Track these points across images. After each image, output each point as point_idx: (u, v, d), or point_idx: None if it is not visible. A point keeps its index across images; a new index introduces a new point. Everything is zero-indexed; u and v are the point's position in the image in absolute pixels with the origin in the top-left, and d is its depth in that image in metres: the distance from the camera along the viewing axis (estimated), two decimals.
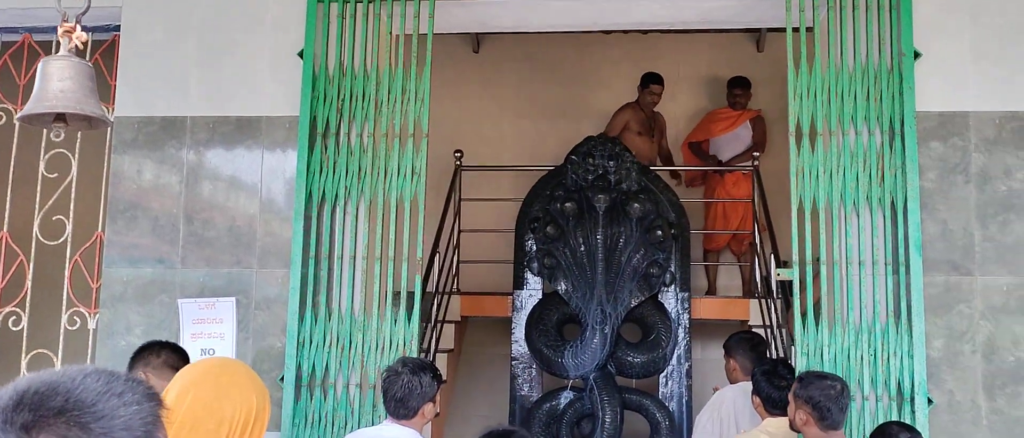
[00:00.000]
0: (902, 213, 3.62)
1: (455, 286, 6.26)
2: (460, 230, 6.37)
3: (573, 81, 7.63)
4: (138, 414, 0.99)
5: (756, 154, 6.44)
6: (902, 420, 3.42)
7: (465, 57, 7.69)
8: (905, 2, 3.72)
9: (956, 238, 3.64)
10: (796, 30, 3.78)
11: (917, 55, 3.69)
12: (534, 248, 5.20)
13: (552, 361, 5.05)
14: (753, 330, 5.56)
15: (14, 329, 4.15)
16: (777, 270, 4.71)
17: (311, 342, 3.77)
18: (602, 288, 4.93)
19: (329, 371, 3.76)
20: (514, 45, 7.54)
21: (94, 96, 2.64)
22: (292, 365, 3.73)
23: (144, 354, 3.10)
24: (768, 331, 5.42)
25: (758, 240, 6.08)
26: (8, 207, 4.28)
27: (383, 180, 3.84)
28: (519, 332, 5.30)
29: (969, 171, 3.68)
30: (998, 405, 3.54)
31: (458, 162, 6.34)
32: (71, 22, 2.62)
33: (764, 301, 5.70)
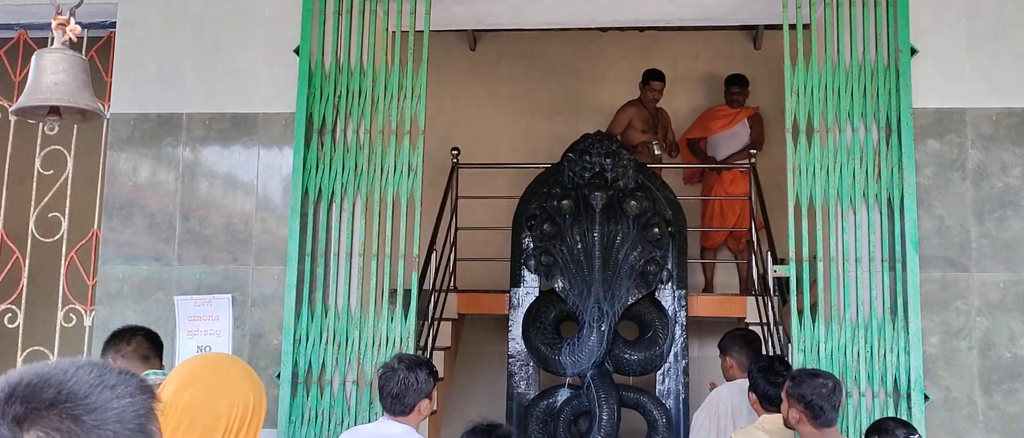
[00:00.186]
0: (899, 209, 3.62)
1: (452, 284, 6.25)
2: (457, 228, 6.37)
3: (570, 79, 7.63)
4: (131, 407, 0.98)
5: (753, 151, 6.43)
6: (899, 416, 3.42)
7: (462, 54, 7.68)
8: None
9: (953, 234, 3.64)
10: (793, 27, 3.77)
11: (914, 51, 3.69)
12: (531, 246, 5.19)
13: (549, 359, 5.04)
14: (749, 327, 5.56)
15: (10, 326, 4.14)
16: (774, 267, 4.71)
17: (307, 339, 3.76)
18: (599, 286, 4.93)
19: (325, 368, 3.76)
20: (511, 43, 7.54)
21: (88, 89, 2.62)
22: (288, 362, 3.72)
23: (115, 342, 3.00)
24: (765, 328, 5.42)
25: (755, 238, 6.09)
26: (3, 204, 4.27)
27: (380, 177, 3.83)
28: (516, 330, 5.29)
29: (966, 167, 3.68)
30: (994, 401, 3.55)
31: (455, 160, 6.33)
32: (65, 15, 2.60)
33: (761, 298, 5.71)
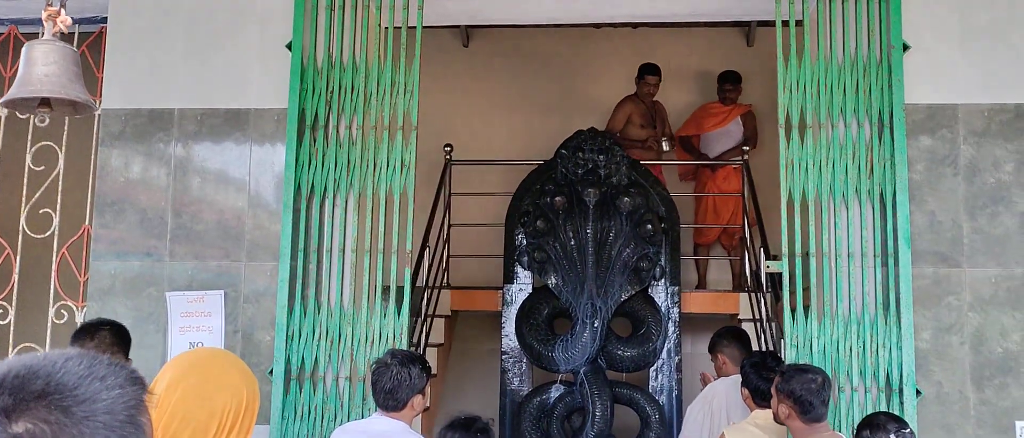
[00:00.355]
0: (891, 205, 3.63)
1: (445, 280, 6.25)
2: (450, 224, 6.36)
3: (563, 75, 7.62)
4: (121, 398, 0.98)
5: (746, 148, 6.44)
6: (891, 411, 3.43)
7: (455, 51, 7.66)
8: None
9: (945, 230, 3.65)
10: (785, 23, 3.78)
11: (906, 48, 3.70)
12: (524, 242, 5.19)
13: (542, 355, 5.04)
14: (740, 324, 5.57)
15: (1, 323, 4.13)
16: (767, 263, 4.71)
17: (300, 335, 3.75)
18: (592, 282, 4.93)
19: (318, 364, 3.75)
20: (504, 39, 7.53)
21: (79, 81, 2.60)
22: (281, 358, 3.71)
23: (79, 336, 3.07)
24: (758, 324, 5.42)
25: (748, 234, 6.09)
26: None
27: (372, 173, 3.82)
28: (509, 326, 5.29)
29: (958, 163, 3.69)
30: (986, 396, 3.56)
31: (448, 156, 6.32)
32: (55, 6, 2.59)
33: (754, 295, 5.71)
